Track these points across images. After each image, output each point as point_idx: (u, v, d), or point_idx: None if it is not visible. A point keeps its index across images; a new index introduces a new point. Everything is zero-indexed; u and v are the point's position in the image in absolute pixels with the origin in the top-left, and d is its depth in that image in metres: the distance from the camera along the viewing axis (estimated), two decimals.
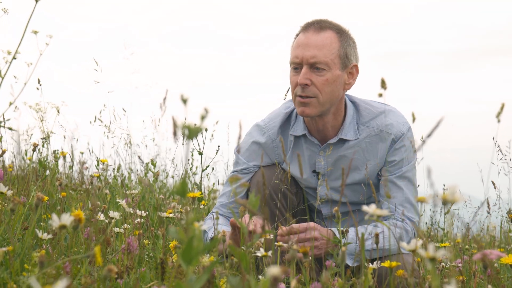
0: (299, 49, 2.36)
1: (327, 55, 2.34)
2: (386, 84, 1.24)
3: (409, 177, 2.46)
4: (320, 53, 2.33)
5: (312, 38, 2.36)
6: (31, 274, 1.56)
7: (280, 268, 1.00)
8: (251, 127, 2.62)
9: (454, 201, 1.16)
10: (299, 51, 2.36)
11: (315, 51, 2.34)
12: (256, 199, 1.25)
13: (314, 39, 2.36)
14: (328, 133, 2.47)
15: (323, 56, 2.33)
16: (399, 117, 2.48)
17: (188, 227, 1.02)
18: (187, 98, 0.85)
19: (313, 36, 2.36)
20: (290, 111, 2.56)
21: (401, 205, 2.41)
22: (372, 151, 2.46)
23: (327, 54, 2.34)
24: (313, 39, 2.36)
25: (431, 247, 1.07)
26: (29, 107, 3.96)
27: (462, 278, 2.08)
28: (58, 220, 1.47)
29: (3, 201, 2.19)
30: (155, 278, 1.76)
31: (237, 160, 2.61)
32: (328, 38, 2.36)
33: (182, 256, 1.02)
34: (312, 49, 2.34)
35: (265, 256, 1.89)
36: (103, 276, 1.39)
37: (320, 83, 2.34)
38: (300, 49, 2.36)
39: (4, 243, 1.93)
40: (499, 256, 1.56)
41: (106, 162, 3.96)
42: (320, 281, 1.52)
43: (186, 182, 0.95)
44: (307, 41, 2.36)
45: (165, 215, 2.39)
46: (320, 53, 2.33)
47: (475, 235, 3.95)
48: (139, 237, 2.01)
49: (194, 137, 0.86)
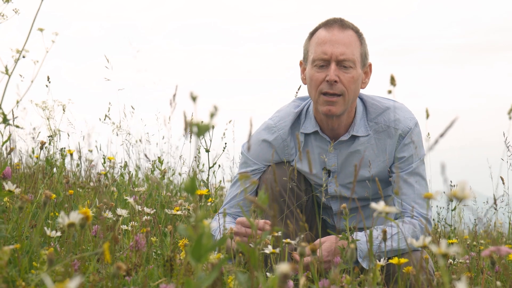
0: (326, 45, 2.35)
1: (354, 52, 2.35)
2: (395, 81, 1.24)
3: (419, 173, 2.45)
4: (348, 50, 2.34)
5: (339, 36, 2.35)
6: (40, 272, 1.56)
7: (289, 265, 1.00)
8: (260, 126, 2.60)
9: (464, 198, 1.15)
10: (328, 47, 2.34)
11: (344, 48, 2.33)
12: (266, 196, 1.25)
13: (340, 36, 2.35)
14: (340, 131, 2.47)
15: (351, 53, 2.34)
16: (406, 112, 2.47)
17: (197, 224, 1.02)
18: (196, 96, 0.85)
19: (339, 33, 2.36)
20: (300, 110, 2.54)
21: (413, 201, 2.41)
22: (381, 147, 2.45)
23: (354, 52, 2.35)
24: (340, 36, 2.35)
25: (444, 243, 1.07)
26: (35, 105, 3.97)
27: (470, 275, 2.08)
28: (67, 218, 1.47)
29: (11, 199, 2.20)
30: (163, 276, 1.76)
31: (245, 160, 2.58)
32: (352, 36, 2.37)
33: (191, 254, 1.02)
34: (341, 46, 2.34)
35: (273, 253, 1.89)
36: (112, 273, 1.39)
37: (347, 81, 2.34)
38: (328, 46, 2.34)
39: (12, 241, 1.93)
40: (507, 252, 1.55)
41: (113, 160, 3.96)
42: (328, 277, 1.52)
43: (195, 180, 0.95)
44: (334, 38, 2.35)
45: (173, 213, 2.39)
46: (348, 51, 2.34)
47: (482, 231, 3.94)
48: (146, 234, 2.01)
49: (203, 134, 0.86)
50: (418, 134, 2.47)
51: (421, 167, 2.47)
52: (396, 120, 2.44)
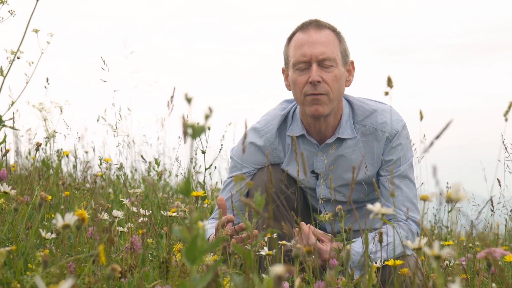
0: (305, 48, 2.35)
1: (333, 51, 2.35)
2: (392, 82, 1.24)
3: (407, 176, 2.44)
4: (327, 49, 2.33)
5: (316, 36, 2.35)
6: (35, 273, 1.56)
7: (283, 266, 1.00)
8: (247, 130, 2.57)
9: (459, 200, 1.15)
10: (306, 49, 2.34)
11: (323, 47, 2.33)
12: (262, 198, 1.25)
13: (317, 37, 2.35)
14: (327, 133, 2.46)
15: (330, 52, 2.34)
16: (393, 115, 2.46)
17: (192, 226, 1.01)
18: (191, 97, 0.85)
19: (315, 34, 2.36)
20: (286, 113, 2.54)
21: (402, 205, 2.40)
22: (369, 150, 2.45)
23: (334, 50, 2.35)
24: (317, 37, 2.35)
25: (436, 245, 1.07)
26: (32, 106, 3.96)
27: (466, 276, 2.08)
28: (62, 219, 1.47)
29: (6, 201, 2.19)
30: (158, 277, 1.76)
31: (235, 164, 2.58)
32: (329, 35, 2.37)
33: (186, 255, 1.02)
34: (319, 46, 2.33)
35: (268, 254, 1.89)
36: (107, 275, 1.39)
37: (330, 80, 2.33)
38: (307, 47, 2.34)
39: (7, 243, 1.93)
40: (503, 254, 1.56)
41: (110, 161, 3.96)
42: (324, 279, 1.52)
43: (190, 182, 0.95)
44: (311, 39, 2.35)
45: (169, 214, 2.39)
46: (327, 50, 2.33)
47: (479, 232, 3.94)
48: (142, 236, 2.01)
49: (198, 136, 0.86)
50: (405, 136, 2.46)
51: (409, 170, 2.46)
52: (383, 123, 2.43)
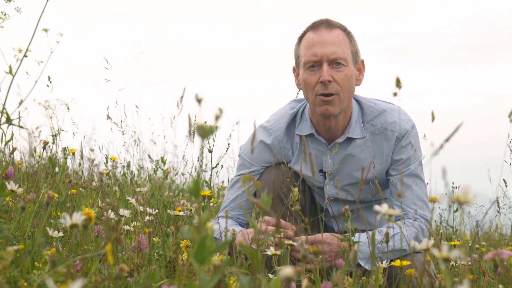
0: (316, 47, 2.35)
1: (344, 50, 2.35)
2: (401, 83, 1.23)
3: (417, 175, 2.45)
4: (338, 49, 2.34)
5: (327, 36, 2.36)
6: (42, 272, 1.56)
7: (293, 268, 1.00)
8: (256, 129, 2.58)
9: (467, 202, 1.15)
10: (317, 49, 2.35)
11: (333, 47, 2.34)
12: (269, 198, 1.25)
13: (329, 36, 2.36)
14: (337, 132, 2.46)
15: (341, 52, 2.34)
16: (402, 115, 2.47)
17: (201, 226, 1.01)
18: (202, 98, 0.85)
19: (326, 34, 2.37)
20: (295, 112, 2.55)
21: (413, 203, 2.40)
22: (378, 149, 2.45)
23: (344, 50, 2.36)
24: (328, 36, 2.36)
25: (445, 247, 1.07)
26: (38, 104, 3.97)
27: (472, 277, 2.07)
28: (70, 219, 1.47)
29: (13, 199, 2.20)
30: (165, 276, 1.76)
31: (243, 162, 2.58)
32: (340, 35, 2.38)
33: (194, 256, 1.02)
34: (330, 46, 2.34)
35: (275, 254, 1.89)
36: (114, 274, 1.39)
37: (341, 79, 2.34)
38: (318, 47, 2.35)
39: (14, 241, 1.93)
40: (510, 255, 1.55)
41: (116, 160, 3.96)
42: (331, 279, 1.51)
43: (199, 182, 0.95)
44: (322, 38, 2.36)
45: (175, 213, 2.39)
46: (338, 49, 2.34)
47: (484, 232, 3.93)
48: (149, 235, 2.01)
49: (208, 137, 0.86)
50: (415, 136, 2.47)
51: (419, 169, 2.46)
52: (393, 123, 2.44)
